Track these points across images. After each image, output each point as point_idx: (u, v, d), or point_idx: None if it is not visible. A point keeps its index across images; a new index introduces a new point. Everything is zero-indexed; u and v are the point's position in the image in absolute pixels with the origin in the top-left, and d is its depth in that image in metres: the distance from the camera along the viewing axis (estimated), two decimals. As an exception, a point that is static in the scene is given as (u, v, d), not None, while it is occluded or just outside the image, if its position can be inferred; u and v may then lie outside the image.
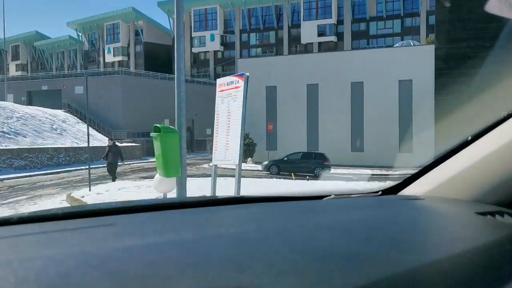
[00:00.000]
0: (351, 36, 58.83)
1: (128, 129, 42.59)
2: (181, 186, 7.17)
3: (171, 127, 7.51)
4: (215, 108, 6.76)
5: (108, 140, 17.95)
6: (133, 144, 38.18)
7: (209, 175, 20.34)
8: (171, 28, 71.04)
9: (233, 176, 14.64)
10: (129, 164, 31.43)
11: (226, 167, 10.42)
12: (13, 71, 77.93)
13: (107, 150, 17.25)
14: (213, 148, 6.73)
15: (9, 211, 10.33)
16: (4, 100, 38.31)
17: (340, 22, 59.04)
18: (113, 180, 16.55)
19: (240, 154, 6.02)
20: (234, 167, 6.20)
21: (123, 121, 42.96)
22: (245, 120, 6.09)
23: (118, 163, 17.47)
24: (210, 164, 25.15)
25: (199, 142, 48.27)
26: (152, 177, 19.14)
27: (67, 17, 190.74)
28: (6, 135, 26.64)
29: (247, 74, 6.23)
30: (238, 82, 6.29)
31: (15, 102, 39.59)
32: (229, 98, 6.43)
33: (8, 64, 63.56)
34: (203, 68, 65.30)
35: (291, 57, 38.16)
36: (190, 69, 64.61)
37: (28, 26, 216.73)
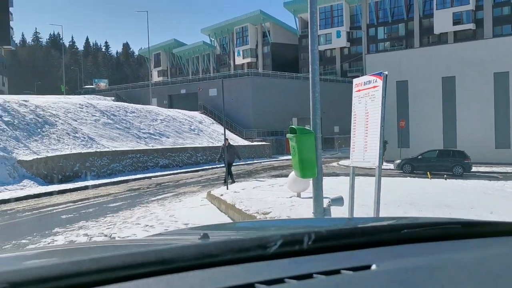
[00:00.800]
0: (492, 23, 53.71)
1: (258, 128, 44.12)
2: (317, 187, 7.20)
3: (307, 127, 7.59)
4: (352, 109, 6.68)
5: (224, 140, 17.96)
6: (263, 143, 39.43)
7: (338, 174, 20.21)
8: (297, 28, 71.82)
9: (366, 175, 14.30)
10: (260, 162, 32.51)
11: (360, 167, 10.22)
12: (155, 77, 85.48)
13: (221, 150, 17.07)
14: (351, 149, 6.66)
15: (159, 207, 11.36)
16: (149, 104, 42.24)
17: (478, 7, 54.26)
18: (232, 181, 16.00)
19: (380, 155, 5.87)
20: (374, 168, 6.07)
21: (253, 121, 44.61)
22: (384, 120, 5.93)
23: (234, 163, 17.22)
24: (340, 162, 24.85)
25: (327, 140, 48.11)
26: (282, 175, 19.64)
27: (201, 24, 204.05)
28: (152, 136, 29.38)
29: (386, 73, 6.05)
30: (376, 81, 6.15)
31: (158, 105, 43.48)
32: (367, 98, 6.31)
33: (151, 71, 69.88)
34: (330, 66, 64.84)
35: (423, 49, 36.05)
36: (317, 67, 64.58)
37: (167, 35, 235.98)
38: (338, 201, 6.74)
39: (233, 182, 15.95)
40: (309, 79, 7.21)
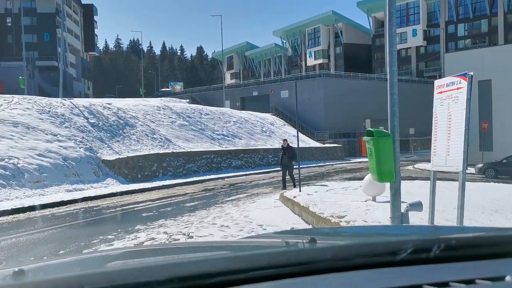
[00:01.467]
0: None
1: (330, 130, 43.64)
2: (395, 191, 7.00)
3: (385, 130, 7.42)
4: (433, 111, 6.43)
5: (283, 141, 16.65)
6: (335, 144, 38.94)
7: (415, 178, 19.49)
8: (370, 27, 70.21)
9: (444, 179, 13.70)
10: (332, 165, 32.14)
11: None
12: (228, 79, 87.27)
13: (281, 152, 16.22)
14: (432, 153, 6.42)
15: (233, 207, 11.59)
16: (223, 106, 43.20)
17: None
18: (294, 185, 14.96)
19: (465, 160, 5.61)
20: (457, 172, 5.80)
21: (325, 122, 44.19)
22: (469, 123, 5.66)
23: (294, 166, 15.81)
24: (415, 166, 23.96)
25: (402, 142, 46.46)
26: (356, 178, 19.29)
27: (273, 27, 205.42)
28: (225, 137, 30.04)
29: (471, 73, 5.77)
30: (460, 82, 5.87)
31: (231, 107, 44.36)
32: (449, 100, 6.05)
33: (224, 74, 71.47)
34: (404, 66, 62.68)
35: (509, 46, 33.86)
36: (391, 67, 62.74)
37: (240, 38, 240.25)
38: (417, 206, 6.53)
39: (294, 186, 14.70)
40: (382, 80, 7.14)
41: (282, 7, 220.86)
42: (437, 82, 6.55)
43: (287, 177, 16.05)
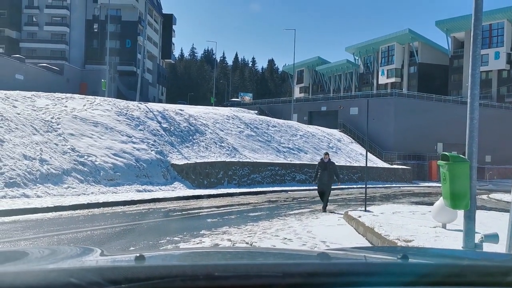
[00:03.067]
0: None
1: (399, 151, 42.40)
2: (469, 220, 6.72)
3: (461, 156, 7.16)
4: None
5: (324, 154, 14.53)
6: (404, 166, 37.74)
7: (490, 209, 18.42)
8: (448, 48, 67.71)
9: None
10: (399, 187, 31.18)
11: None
12: (297, 93, 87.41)
13: (317, 167, 14.14)
14: (513, 183, 6.09)
15: (296, 221, 11.57)
16: (290, 119, 43.33)
17: None
18: (324, 210, 13.74)
19: (550, 194, 5.27)
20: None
21: (394, 143, 43.01)
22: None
23: (333, 186, 14.14)
24: (490, 195, 22.66)
25: (477, 170, 44.27)
26: (424, 203, 18.59)
27: (346, 43, 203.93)
28: (291, 150, 30.08)
29: None
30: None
31: (298, 121, 44.39)
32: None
33: (293, 87, 71.75)
34: (484, 90, 59.72)
35: None
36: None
37: (311, 52, 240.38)
38: (493, 238, 6.19)
39: (324, 210, 13.62)
40: (458, 103, 6.91)
41: (356, 25, 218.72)
42: (523, 109, 6.24)
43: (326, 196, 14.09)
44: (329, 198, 14.46)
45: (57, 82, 50.60)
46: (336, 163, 30.96)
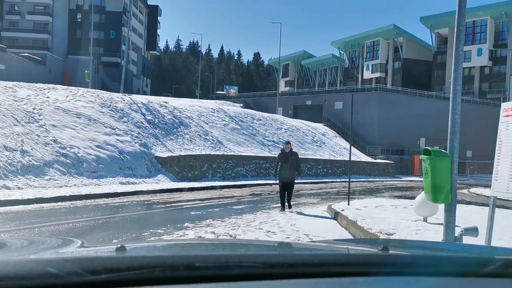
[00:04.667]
0: None
1: (382, 145, 42.79)
2: (450, 214, 6.81)
3: (443, 150, 7.26)
4: (498, 135, 6.21)
5: (285, 144, 12.57)
6: (387, 161, 38.13)
7: (469, 203, 18.75)
8: (432, 44, 68.40)
9: (502, 207, 13.10)
10: (382, 181, 31.50)
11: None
12: (282, 87, 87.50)
13: (277, 160, 12.49)
14: (493, 178, 6.20)
15: (280, 214, 11.62)
16: (275, 113, 43.36)
17: None
18: (289, 206, 12.32)
19: (529, 188, 5.38)
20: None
21: (378, 137, 43.38)
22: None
23: (295, 181, 12.45)
24: (470, 190, 23.03)
25: (458, 165, 44.93)
26: (406, 197, 18.81)
27: (331, 38, 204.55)
28: (275, 144, 30.13)
29: (542, 98, 5.54)
30: (529, 107, 5.66)
31: (283, 115, 44.44)
32: (516, 124, 5.83)
33: (279, 81, 71.76)
34: (467, 86, 60.51)
35: None
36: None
37: (297, 46, 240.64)
38: (472, 231, 6.30)
39: (289, 207, 12.30)
40: (441, 99, 6.99)
41: (343, 20, 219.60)
42: (504, 105, 6.33)
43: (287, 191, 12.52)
44: (312, 192, 14.49)
45: (39, 72, 49.82)
46: (320, 157, 31.44)
